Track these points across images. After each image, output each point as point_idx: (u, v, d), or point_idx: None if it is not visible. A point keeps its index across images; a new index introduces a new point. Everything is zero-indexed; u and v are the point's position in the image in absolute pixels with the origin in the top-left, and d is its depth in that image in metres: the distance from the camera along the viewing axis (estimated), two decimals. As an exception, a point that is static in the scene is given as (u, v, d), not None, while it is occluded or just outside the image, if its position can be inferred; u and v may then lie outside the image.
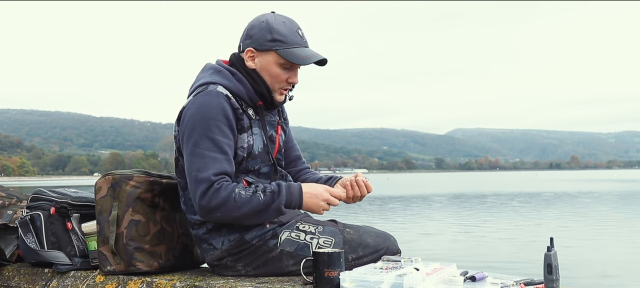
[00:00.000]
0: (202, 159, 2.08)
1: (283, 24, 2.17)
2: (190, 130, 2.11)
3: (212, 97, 2.12)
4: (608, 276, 8.12)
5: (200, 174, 2.06)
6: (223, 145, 2.10)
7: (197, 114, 2.11)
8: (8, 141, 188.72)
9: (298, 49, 2.16)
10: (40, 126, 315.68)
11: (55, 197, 2.52)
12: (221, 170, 2.08)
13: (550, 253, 1.75)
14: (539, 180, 72.34)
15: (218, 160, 2.08)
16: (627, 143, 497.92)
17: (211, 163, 2.07)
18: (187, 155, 2.12)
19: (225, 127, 2.11)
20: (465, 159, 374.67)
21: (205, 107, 2.11)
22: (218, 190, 2.05)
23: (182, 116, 2.16)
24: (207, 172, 2.06)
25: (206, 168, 2.06)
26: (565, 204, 24.21)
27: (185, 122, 2.13)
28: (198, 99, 2.14)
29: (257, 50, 2.19)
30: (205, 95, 2.13)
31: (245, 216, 2.08)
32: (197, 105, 2.12)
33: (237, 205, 2.05)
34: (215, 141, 2.09)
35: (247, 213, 2.08)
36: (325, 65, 2.23)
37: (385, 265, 1.96)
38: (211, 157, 2.08)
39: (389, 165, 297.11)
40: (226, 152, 2.10)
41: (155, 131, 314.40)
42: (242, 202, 2.06)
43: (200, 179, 2.06)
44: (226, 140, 2.11)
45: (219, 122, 2.10)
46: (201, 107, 2.11)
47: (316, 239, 2.22)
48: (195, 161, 2.09)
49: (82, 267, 2.45)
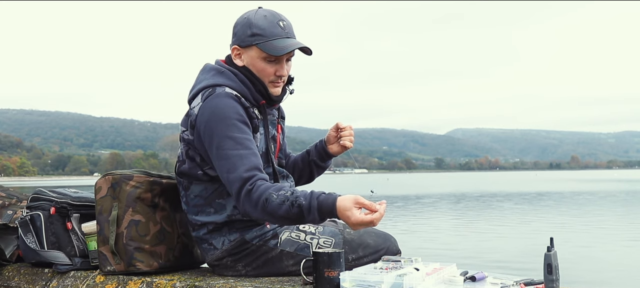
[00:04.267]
0: (228, 160, 2.06)
1: (264, 17, 2.15)
2: (210, 136, 2.10)
3: (223, 98, 2.12)
4: (608, 276, 8.12)
5: (230, 175, 2.05)
6: (245, 141, 2.09)
7: (212, 118, 2.10)
8: (8, 141, 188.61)
9: (277, 41, 2.14)
10: (40, 126, 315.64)
11: (55, 197, 2.52)
12: (250, 166, 2.05)
13: (550, 253, 1.75)
14: (539, 180, 72.34)
15: (244, 156, 2.06)
16: (627, 143, 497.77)
17: (238, 161, 2.05)
18: (214, 160, 2.11)
19: (242, 124, 2.11)
20: (465, 159, 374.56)
21: (219, 109, 2.10)
22: (250, 192, 2.01)
23: (197, 123, 2.14)
24: (237, 172, 2.04)
25: (235, 169, 2.05)
26: (565, 204, 24.21)
27: (203, 128, 2.12)
28: (209, 103, 2.12)
29: (241, 47, 2.19)
30: (216, 97, 2.12)
31: (273, 221, 2.06)
32: (211, 109, 2.11)
33: (266, 211, 2.00)
34: (237, 139, 2.07)
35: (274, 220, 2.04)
36: (311, 55, 2.20)
37: (385, 265, 1.96)
38: (237, 155, 2.06)
39: (389, 165, 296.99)
40: (249, 147, 2.09)
41: (155, 131, 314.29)
42: (272, 209, 1.99)
43: (231, 180, 2.05)
44: (246, 136, 2.10)
45: (235, 121, 2.09)
46: (215, 110, 2.10)
47: (316, 239, 2.22)
48: (223, 164, 2.07)
49: (82, 267, 2.45)
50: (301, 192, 2.00)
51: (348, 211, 1.91)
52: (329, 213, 1.95)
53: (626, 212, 19.50)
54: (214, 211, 2.22)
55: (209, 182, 2.21)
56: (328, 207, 1.94)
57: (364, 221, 1.90)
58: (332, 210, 1.94)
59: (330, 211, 1.94)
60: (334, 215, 1.95)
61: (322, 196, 1.96)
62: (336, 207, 1.93)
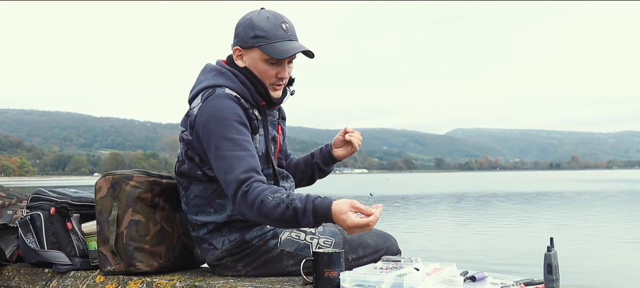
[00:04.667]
0: (225, 161, 2.06)
1: (266, 19, 2.15)
2: (208, 137, 2.10)
3: (223, 99, 2.11)
4: (608, 276, 8.11)
5: (227, 176, 2.05)
6: (243, 143, 2.08)
7: (211, 119, 2.10)
8: (8, 141, 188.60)
9: (280, 43, 2.14)
10: (40, 126, 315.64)
11: (55, 197, 2.52)
12: (247, 167, 2.05)
13: (550, 253, 1.75)
14: (539, 180, 72.34)
15: (241, 158, 2.06)
16: (627, 143, 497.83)
17: (235, 162, 2.05)
18: (212, 161, 2.11)
19: (241, 125, 2.11)
20: (465, 159, 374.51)
21: (217, 109, 2.10)
22: (245, 193, 2.01)
23: (196, 124, 2.14)
24: (234, 173, 2.04)
25: (232, 170, 2.05)
26: (565, 204, 24.21)
27: (202, 129, 2.12)
28: (209, 104, 2.12)
29: (243, 48, 2.19)
30: (215, 98, 2.12)
31: (269, 223, 2.07)
32: (210, 110, 2.11)
33: (262, 213, 2.00)
34: (235, 140, 2.07)
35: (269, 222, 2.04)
36: (313, 58, 2.20)
37: (385, 265, 1.96)
38: (234, 157, 2.06)
39: (389, 165, 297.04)
40: (247, 149, 2.08)
41: (155, 131, 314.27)
42: (267, 211, 1.99)
43: (228, 181, 2.05)
44: (245, 137, 2.10)
45: (233, 122, 2.09)
46: (214, 111, 2.10)
47: (316, 239, 2.22)
48: (220, 165, 2.07)
49: (82, 267, 2.45)
50: (297, 194, 2.00)
51: (344, 215, 1.91)
52: (324, 216, 1.94)
53: (626, 212, 19.48)
54: (213, 211, 2.22)
55: (209, 182, 2.21)
56: (324, 211, 1.94)
57: (360, 224, 1.90)
58: (328, 213, 1.93)
59: (326, 214, 1.94)
60: (329, 219, 1.94)
61: (317, 199, 1.95)
62: (332, 210, 1.93)
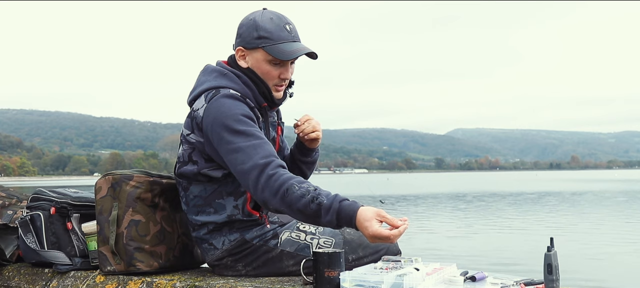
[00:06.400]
0: (241, 152, 2.02)
1: (270, 20, 2.15)
2: (219, 134, 2.07)
3: (228, 99, 2.11)
4: (608, 276, 8.12)
5: (245, 165, 2.00)
6: (256, 132, 2.06)
7: (219, 116, 2.08)
8: (8, 141, 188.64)
9: (284, 44, 2.13)
10: (40, 126, 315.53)
11: (55, 197, 2.52)
12: (266, 153, 2.01)
13: (550, 253, 1.75)
14: (539, 180, 72.33)
15: (257, 146, 2.03)
16: (627, 143, 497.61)
17: (252, 151, 2.01)
18: (225, 156, 2.06)
19: (250, 119, 2.09)
20: (465, 159, 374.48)
21: (225, 107, 2.09)
22: (271, 177, 1.96)
23: (204, 124, 2.12)
24: (252, 160, 2.00)
25: (249, 158, 2.00)
26: (565, 204, 24.22)
27: (211, 128, 2.09)
28: (214, 103, 2.11)
29: (246, 49, 2.18)
30: (220, 97, 2.12)
31: (288, 212, 1.99)
32: (217, 108, 2.10)
33: (285, 201, 1.94)
34: (247, 132, 2.05)
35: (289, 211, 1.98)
36: (316, 59, 2.20)
37: (385, 265, 1.96)
38: (250, 146, 2.02)
39: (389, 165, 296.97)
40: (261, 137, 2.06)
41: (155, 131, 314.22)
42: (290, 200, 1.93)
43: (247, 169, 2.00)
44: (256, 129, 2.08)
45: (242, 116, 2.07)
46: (221, 108, 2.09)
47: (316, 239, 2.22)
48: (236, 157, 2.03)
49: (82, 267, 2.45)
50: (325, 191, 1.95)
51: (368, 221, 1.86)
52: (348, 219, 1.89)
53: (626, 212, 19.49)
54: (213, 211, 2.22)
55: (209, 183, 2.20)
56: (349, 214, 1.89)
57: (382, 235, 1.85)
58: (353, 217, 1.88)
59: (350, 218, 1.89)
60: (352, 224, 1.89)
61: (345, 201, 1.90)
62: (357, 215, 1.88)
